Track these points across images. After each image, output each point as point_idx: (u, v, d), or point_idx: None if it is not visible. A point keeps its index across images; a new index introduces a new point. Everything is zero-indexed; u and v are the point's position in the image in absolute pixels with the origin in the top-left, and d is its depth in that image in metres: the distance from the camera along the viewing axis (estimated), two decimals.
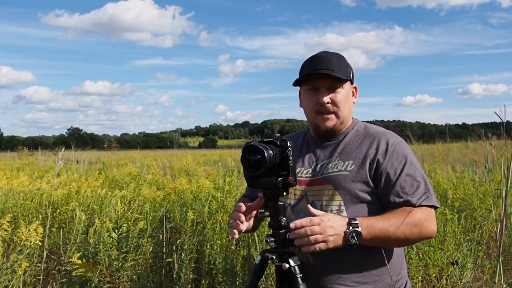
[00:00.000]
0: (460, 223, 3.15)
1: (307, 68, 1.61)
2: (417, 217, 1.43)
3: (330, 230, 1.33)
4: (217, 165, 5.08)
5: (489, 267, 3.06)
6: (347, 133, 1.64)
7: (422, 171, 1.54)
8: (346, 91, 1.60)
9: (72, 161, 9.89)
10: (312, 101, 1.59)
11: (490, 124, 11.62)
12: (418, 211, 1.44)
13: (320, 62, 1.58)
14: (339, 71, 1.56)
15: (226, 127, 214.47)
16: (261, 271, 1.50)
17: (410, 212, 1.43)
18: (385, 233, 1.40)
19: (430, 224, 1.46)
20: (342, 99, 1.58)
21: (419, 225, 1.43)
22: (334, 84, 1.57)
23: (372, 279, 1.50)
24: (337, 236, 1.35)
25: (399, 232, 1.41)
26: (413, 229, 1.42)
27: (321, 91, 1.57)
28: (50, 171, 5.88)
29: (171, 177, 5.95)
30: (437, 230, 3.03)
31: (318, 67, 1.56)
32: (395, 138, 1.59)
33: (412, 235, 1.43)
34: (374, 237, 1.39)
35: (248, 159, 1.40)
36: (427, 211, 1.46)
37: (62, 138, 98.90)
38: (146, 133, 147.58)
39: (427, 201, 1.47)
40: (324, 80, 1.56)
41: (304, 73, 1.60)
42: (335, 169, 1.56)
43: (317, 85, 1.58)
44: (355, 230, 1.36)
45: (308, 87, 1.61)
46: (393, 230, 1.40)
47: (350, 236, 1.35)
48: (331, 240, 1.34)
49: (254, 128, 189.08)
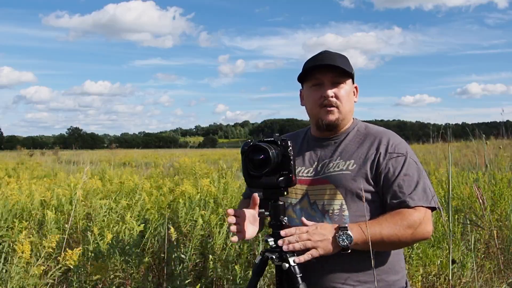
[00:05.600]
0: (459, 223, 3.16)
1: (310, 63, 1.62)
2: (411, 219, 1.42)
3: (318, 236, 1.37)
4: (217, 164, 5.08)
5: (489, 267, 3.07)
6: (348, 133, 1.64)
7: (422, 171, 1.53)
8: (348, 88, 1.62)
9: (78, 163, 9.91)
10: (315, 95, 1.60)
11: (490, 123, 11.58)
12: (413, 213, 1.43)
13: (324, 58, 1.61)
14: (343, 66, 1.57)
15: (226, 126, 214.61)
16: (261, 271, 1.49)
17: (404, 214, 1.43)
18: (377, 236, 1.40)
19: (425, 225, 1.45)
20: (344, 94, 1.59)
21: (413, 227, 1.42)
22: (338, 78, 1.58)
23: (372, 279, 1.50)
24: (327, 241, 1.37)
25: (392, 235, 1.41)
26: (406, 231, 1.42)
27: (325, 85, 1.58)
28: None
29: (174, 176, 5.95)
30: (436, 229, 3.06)
31: (322, 61, 1.59)
32: (396, 138, 1.59)
33: (405, 237, 1.43)
34: (367, 239, 1.39)
35: (252, 158, 1.40)
36: (423, 212, 1.45)
37: (62, 138, 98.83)
38: (146, 132, 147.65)
39: (424, 202, 1.46)
40: (328, 74, 1.58)
41: (309, 66, 1.61)
42: (337, 168, 1.56)
43: (321, 80, 1.59)
44: (345, 232, 1.37)
45: (311, 83, 1.62)
46: (385, 233, 1.41)
47: (340, 239, 1.37)
48: (321, 246, 1.36)
49: (254, 127, 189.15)
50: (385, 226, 1.41)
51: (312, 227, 1.39)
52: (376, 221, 1.43)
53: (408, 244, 1.53)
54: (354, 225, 1.41)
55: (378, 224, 1.42)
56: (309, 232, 1.37)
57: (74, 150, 11.05)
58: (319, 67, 1.58)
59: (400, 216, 1.43)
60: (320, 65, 1.58)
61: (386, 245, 1.44)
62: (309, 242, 1.36)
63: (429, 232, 1.47)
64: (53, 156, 16.45)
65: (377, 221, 1.43)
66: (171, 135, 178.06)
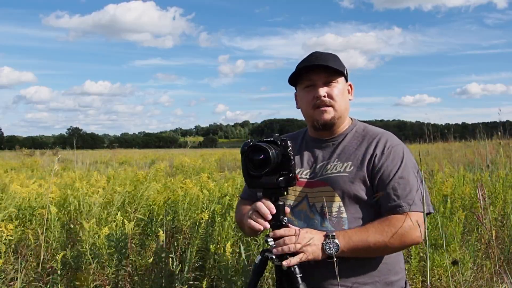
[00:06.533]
0: (462, 223, 3.15)
1: (302, 65, 1.62)
2: (399, 226, 1.42)
3: (306, 240, 1.39)
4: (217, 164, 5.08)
5: (489, 266, 3.07)
6: (346, 134, 1.64)
7: (418, 175, 1.52)
8: (341, 86, 1.61)
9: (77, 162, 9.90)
10: (309, 97, 1.60)
11: (489, 123, 11.59)
12: (402, 219, 1.43)
13: (315, 58, 1.61)
14: (334, 65, 1.57)
15: (226, 126, 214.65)
16: (261, 271, 1.50)
17: (391, 221, 1.43)
18: (364, 243, 1.41)
19: (414, 231, 1.43)
20: (338, 92, 1.59)
21: (401, 234, 1.42)
22: (329, 77, 1.58)
23: (372, 280, 1.50)
24: (315, 247, 1.40)
25: (379, 242, 1.41)
26: (394, 239, 1.42)
27: (317, 86, 1.58)
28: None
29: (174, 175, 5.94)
30: (436, 230, 3.06)
31: (313, 62, 1.59)
32: (394, 140, 1.59)
33: (393, 244, 1.43)
34: (354, 247, 1.41)
35: (252, 158, 1.40)
36: (414, 218, 1.44)
37: (62, 137, 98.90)
38: (146, 132, 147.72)
39: (418, 207, 1.46)
40: (320, 74, 1.58)
41: (299, 68, 1.61)
42: (334, 170, 1.55)
43: (313, 80, 1.59)
44: (332, 241, 1.39)
45: (304, 85, 1.62)
46: (372, 241, 1.41)
47: (327, 247, 1.39)
48: (310, 252, 1.39)
49: (254, 127, 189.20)
50: (371, 234, 1.42)
51: (302, 231, 1.41)
52: (364, 229, 1.44)
53: (398, 250, 1.52)
54: (341, 232, 1.43)
55: (365, 232, 1.43)
56: (299, 236, 1.39)
57: (76, 149, 11.01)
58: (309, 68, 1.59)
59: (388, 222, 1.43)
60: (310, 66, 1.58)
61: (373, 251, 1.45)
62: (298, 245, 1.38)
63: (419, 238, 1.45)
64: (53, 156, 16.45)
65: (365, 229, 1.44)
66: (171, 135, 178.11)
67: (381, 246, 1.42)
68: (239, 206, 1.78)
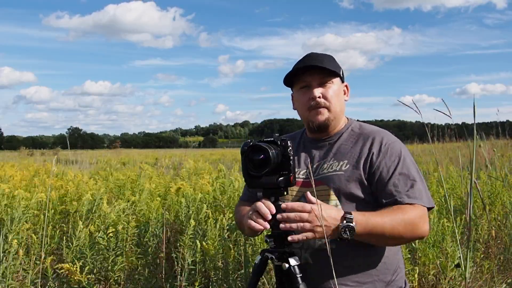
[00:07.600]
0: (457, 223, 3.16)
1: (297, 65, 1.63)
2: (411, 216, 1.41)
3: (320, 221, 1.30)
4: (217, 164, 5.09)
5: (488, 267, 3.07)
6: (342, 133, 1.64)
7: (417, 170, 1.53)
8: (337, 87, 1.61)
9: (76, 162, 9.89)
10: (304, 98, 1.60)
11: (489, 123, 11.53)
12: (413, 210, 1.42)
13: (310, 59, 1.61)
14: (329, 65, 1.57)
15: (226, 126, 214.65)
16: (261, 271, 1.50)
17: (404, 210, 1.42)
18: (379, 229, 1.37)
19: (424, 224, 1.44)
20: (333, 94, 1.59)
21: (413, 224, 1.41)
22: (324, 78, 1.58)
23: (371, 279, 1.50)
24: (327, 228, 1.32)
25: (394, 229, 1.39)
26: (407, 227, 1.40)
27: (312, 87, 1.58)
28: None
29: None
30: (435, 229, 3.06)
31: (307, 63, 1.59)
32: (390, 137, 1.59)
33: (406, 233, 1.41)
34: (368, 232, 1.36)
35: (252, 158, 1.40)
36: (420, 211, 1.44)
37: (62, 137, 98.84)
38: (146, 132, 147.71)
39: (421, 201, 1.45)
40: (315, 75, 1.58)
41: (294, 69, 1.62)
42: (330, 169, 1.56)
43: (308, 82, 1.59)
44: (349, 225, 1.32)
45: (299, 86, 1.63)
46: (388, 227, 1.38)
47: (342, 231, 1.32)
48: (319, 231, 1.31)
49: (254, 127, 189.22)
50: (387, 220, 1.38)
51: (317, 209, 1.31)
52: (380, 213, 1.40)
53: (408, 241, 1.50)
54: (359, 214, 1.36)
55: (381, 216, 1.39)
56: (311, 214, 1.30)
57: (76, 149, 11.02)
58: (303, 69, 1.59)
59: (401, 211, 1.42)
60: (304, 67, 1.59)
61: (386, 239, 1.42)
62: (308, 225, 1.30)
63: (427, 231, 1.46)
64: (52, 156, 16.46)
65: (381, 213, 1.40)
66: (171, 135, 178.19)
67: (394, 233, 1.38)
68: (238, 207, 1.78)
